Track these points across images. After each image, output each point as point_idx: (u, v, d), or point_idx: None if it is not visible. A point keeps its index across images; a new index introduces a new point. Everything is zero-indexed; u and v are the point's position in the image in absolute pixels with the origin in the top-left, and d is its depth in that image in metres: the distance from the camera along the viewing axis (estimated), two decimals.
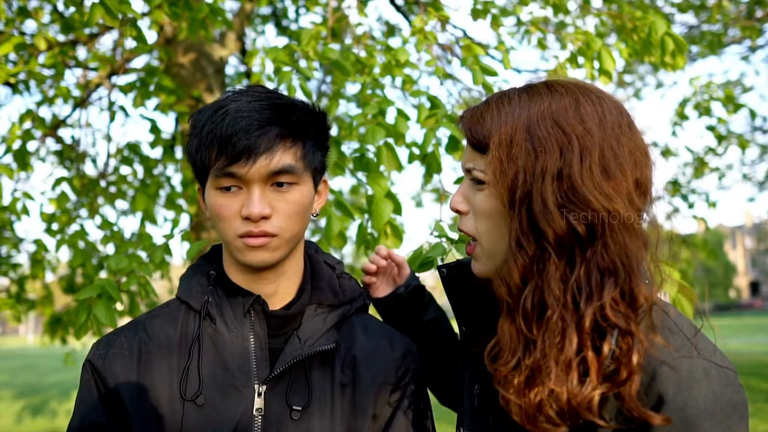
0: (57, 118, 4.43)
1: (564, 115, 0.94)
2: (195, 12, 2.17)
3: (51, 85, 4.02)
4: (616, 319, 0.88)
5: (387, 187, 1.64)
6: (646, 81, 9.47)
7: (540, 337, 0.90)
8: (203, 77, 4.03)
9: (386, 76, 1.94)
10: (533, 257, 0.92)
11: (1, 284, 5.27)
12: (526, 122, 0.95)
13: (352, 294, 1.24)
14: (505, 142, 0.95)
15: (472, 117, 1.02)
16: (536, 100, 0.97)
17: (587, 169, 0.91)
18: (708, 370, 0.88)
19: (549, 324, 0.89)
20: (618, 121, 0.95)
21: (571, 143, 0.92)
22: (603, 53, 2.04)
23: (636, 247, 0.91)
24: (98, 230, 3.11)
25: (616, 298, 0.89)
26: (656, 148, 6.47)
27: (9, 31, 3.27)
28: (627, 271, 0.89)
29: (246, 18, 4.66)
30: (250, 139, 1.04)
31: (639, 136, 0.97)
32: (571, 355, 0.88)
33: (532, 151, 0.93)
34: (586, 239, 0.90)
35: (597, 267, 0.89)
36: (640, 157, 0.95)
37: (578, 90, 0.98)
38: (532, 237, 0.92)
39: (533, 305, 0.91)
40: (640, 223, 0.93)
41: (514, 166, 0.94)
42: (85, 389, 1.12)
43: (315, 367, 1.14)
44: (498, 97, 1.02)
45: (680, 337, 0.92)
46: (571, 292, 0.89)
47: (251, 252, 1.08)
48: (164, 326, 1.15)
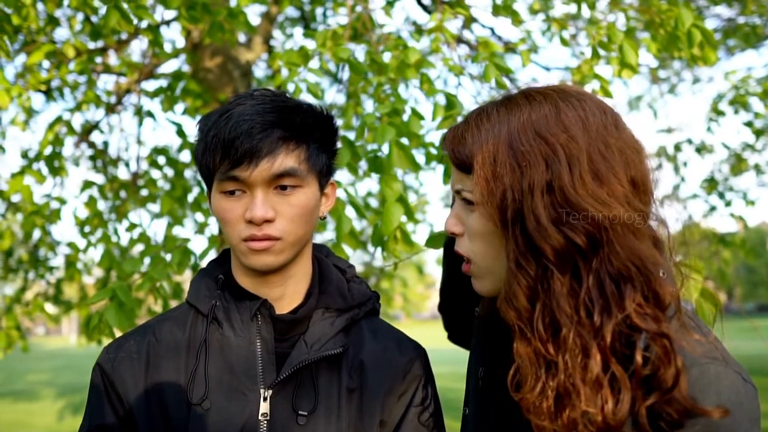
0: (89, 124, 4.52)
1: (545, 125, 0.91)
2: (213, 15, 2.19)
3: (84, 91, 4.12)
4: (646, 324, 0.84)
5: (399, 190, 1.62)
6: (682, 77, 9.26)
7: (560, 357, 0.86)
8: (230, 81, 4.06)
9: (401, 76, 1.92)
10: (536, 277, 0.89)
11: (38, 287, 5.41)
12: (507, 138, 0.92)
13: (361, 298, 1.22)
14: (489, 160, 0.92)
15: (454, 138, 0.99)
16: (515, 113, 0.94)
17: (578, 178, 0.87)
18: (736, 381, 0.86)
19: (567, 343, 0.86)
20: (603, 122, 0.92)
21: (556, 153, 0.88)
22: (625, 46, 1.99)
23: (646, 247, 0.87)
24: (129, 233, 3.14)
25: (641, 303, 0.85)
26: (691, 145, 6.31)
27: (40, 39, 3.35)
28: (644, 274, 0.86)
29: (272, 21, 4.69)
30: (252, 142, 1.03)
31: (627, 133, 0.94)
32: (597, 372, 0.84)
33: (517, 168, 0.90)
34: (588, 250, 0.87)
35: (609, 275, 0.86)
36: (632, 155, 0.91)
37: (558, 96, 0.94)
38: (531, 256, 0.89)
39: (545, 326, 0.88)
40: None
41: (500, 185, 0.91)
42: (94, 392, 1.13)
43: (322, 372, 1.13)
44: (477, 114, 0.99)
45: (708, 344, 0.89)
46: (584, 306, 0.86)
47: (255, 255, 1.08)
48: (173, 330, 1.16)
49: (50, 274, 5.10)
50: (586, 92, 0.97)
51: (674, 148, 6.37)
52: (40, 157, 3.13)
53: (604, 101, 0.97)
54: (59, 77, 3.16)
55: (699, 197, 6.56)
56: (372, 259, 7.80)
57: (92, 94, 3.34)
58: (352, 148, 1.84)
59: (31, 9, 2.98)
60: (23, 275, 5.39)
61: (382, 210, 1.66)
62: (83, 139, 4.33)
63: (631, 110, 8.52)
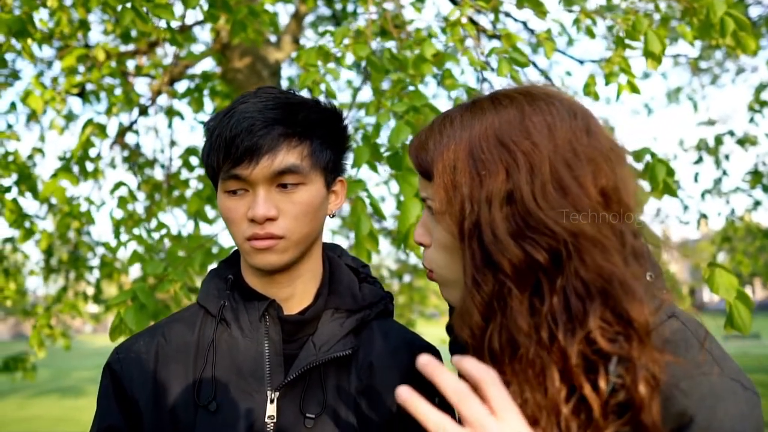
0: (123, 126, 4.60)
1: (508, 131, 0.84)
2: (234, 14, 2.19)
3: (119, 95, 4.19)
4: (610, 346, 0.78)
5: (417, 185, 1.59)
6: (725, 67, 8.98)
7: (515, 379, 0.80)
8: (259, 80, 4.08)
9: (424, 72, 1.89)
10: (492, 293, 0.83)
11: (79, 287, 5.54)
12: (468, 144, 0.86)
13: (372, 298, 1.19)
14: (449, 168, 0.86)
15: (417, 143, 0.94)
16: (479, 118, 0.88)
17: (539, 189, 0.80)
18: (735, 390, 0.79)
19: (523, 364, 0.80)
20: (571, 128, 0.84)
21: (517, 162, 0.82)
22: (649, 35, 1.91)
23: (614, 263, 0.80)
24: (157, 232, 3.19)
25: (609, 321, 0.79)
26: (732, 137, 6.11)
27: (72, 43, 3.42)
28: (611, 291, 0.79)
29: (301, 20, 4.70)
30: (252, 140, 1.02)
31: (600, 139, 0.86)
32: (557, 398, 0.78)
33: (477, 176, 0.84)
34: (551, 267, 0.80)
35: (575, 293, 0.79)
36: (602, 164, 0.83)
37: (525, 99, 0.88)
38: (489, 271, 0.83)
39: (502, 345, 0.82)
40: (616, 236, 0.82)
41: (459, 194, 0.85)
42: (103, 393, 1.13)
43: (330, 374, 1.11)
44: (441, 119, 0.94)
45: (701, 353, 0.82)
46: (546, 325, 0.80)
47: (258, 255, 1.07)
48: (182, 331, 1.15)
49: (90, 274, 5.22)
50: (558, 93, 0.90)
51: (715, 140, 6.18)
52: (73, 160, 3.19)
53: (578, 103, 0.90)
54: (91, 80, 3.21)
55: (742, 191, 6.35)
56: (407, 257, 7.78)
57: (122, 96, 3.39)
58: (372, 146, 1.81)
59: (63, 13, 3.04)
60: (64, 275, 5.54)
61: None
62: (118, 141, 4.41)
63: (670, 103, 8.30)
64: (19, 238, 3.33)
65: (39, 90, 3.05)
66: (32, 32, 2.08)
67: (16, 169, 3.18)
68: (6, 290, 4.41)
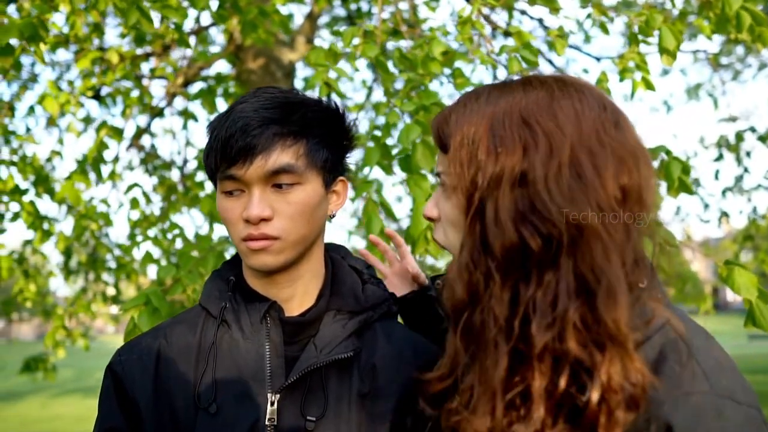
0: (140, 128, 4.63)
1: (534, 111, 0.81)
2: (244, 14, 2.19)
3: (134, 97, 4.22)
4: (578, 350, 0.75)
5: (429, 189, 1.57)
6: (747, 62, 8.83)
7: (475, 361, 0.80)
8: (272, 82, 4.09)
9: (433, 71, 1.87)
10: (482, 274, 0.80)
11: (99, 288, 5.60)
12: (490, 119, 0.83)
13: (376, 300, 1.17)
14: (467, 141, 0.84)
15: (441, 116, 0.92)
16: (506, 96, 0.85)
17: (554, 172, 0.77)
18: (721, 408, 0.75)
19: (483, 348, 0.79)
20: (600, 118, 0.81)
21: (536, 141, 0.79)
22: (663, 30, 1.87)
23: (610, 264, 0.76)
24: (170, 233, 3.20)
25: (589, 324, 0.76)
26: (754, 133, 6.00)
27: (87, 47, 3.44)
28: (596, 294, 0.76)
29: (315, 20, 4.70)
30: (246, 139, 1.01)
31: (629, 136, 0.83)
32: (497, 385, 0.77)
33: (493, 152, 0.81)
34: (542, 258, 0.77)
35: (565, 289, 0.76)
36: (628, 160, 0.80)
37: (557, 84, 0.85)
38: (482, 251, 0.80)
39: (476, 327, 0.81)
40: (624, 236, 0.79)
41: (473, 168, 0.82)
42: (105, 394, 1.12)
43: (332, 376, 1.09)
44: (468, 94, 0.91)
45: (691, 370, 0.78)
46: (521, 316, 0.77)
47: (254, 255, 1.06)
48: (184, 332, 1.14)
49: (108, 275, 5.26)
50: (590, 85, 0.88)
51: (736, 137, 6.07)
52: (87, 162, 3.21)
53: (609, 98, 0.87)
54: (105, 83, 3.23)
55: (765, 189, 6.24)
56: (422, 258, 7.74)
57: (135, 98, 3.41)
58: (382, 147, 1.80)
59: (77, 17, 3.06)
60: (84, 277, 5.59)
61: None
62: (134, 143, 4.44)
63: (689, 99, 8.18)
64: (36, 240, 3.36)
65: (54, 93, 3.07)
66: (44, 36, 2.09)
67: (33, 171, 3.21)
68: (26, 291, 4.45)
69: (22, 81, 4.19)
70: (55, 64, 4.88)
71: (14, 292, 4.39)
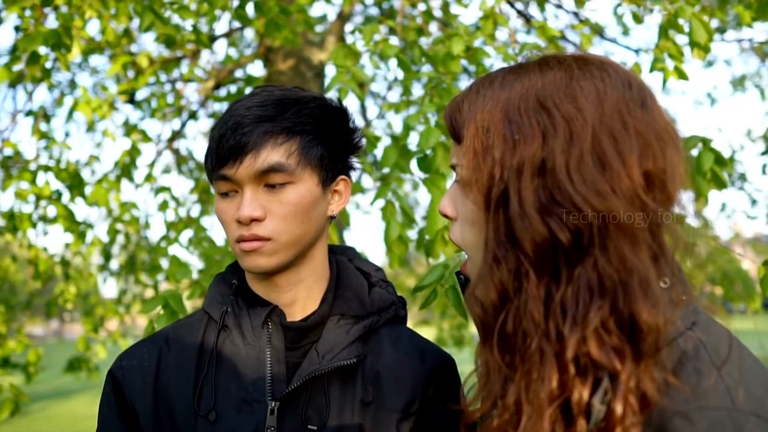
0: (174, 131, 4.68)
1: (551, 93, 0.75)
2: (266, 14, 2.17)
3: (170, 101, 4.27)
4: (600, 354, 0.69)
5: (446, 189, 1.52)
6: None
7: (519, 373, 0.73)
8: (303, 82, 4.07)
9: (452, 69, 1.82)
10: (511, 272, 0.74)
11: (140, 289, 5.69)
12: (505, 105, 0.77)
13: (381, 304, 1.13)
14: (481, 130, 0.78)
15: (454, 104, 0.86)
16: (522, 79, 0.79)
17: (575, 160, 0.71)
18: (741, 425, 0.67)
19: (527, 356, 0.72)
20: (624, 98, 0.75)
21: (555, 127, 0.73)
22: (694, 23, 1.78)
23: (640, 259, 0.70)
24: None
25: (609, 327, 0.70)
26: None
27: (119, 52, 3.49)
28: (625, 291, 0.70)
29: (345, 20, 4.67)
30: (236, 138, 0.99)
31: (655, 115, 0.76)
32: (545, 397, 0.70)
33: (510, 140, 0.75)
34: (572, 249, 0.71)
35: (587, 286, 0.70)
36: (653, 142, 0.73)
37: (576, 63, 0.79)
38: (511, 247, 0.74)
39: (514, 330, 0.74)
40: (650, 228, 0.72)
41: (489, 159, 0.76)
42: (105, 401, 1.11)
43: (335, 384, 1.06)
44: (481, 79, 0.85)
45: (712, 379, 0.70)
46: (555, 316, 0.71)
47: (246, 257, 1.03)
48: (185, 337, 1.12)
49: (147, 277, 5.35)
50: (614, 62, 0.81)
51: None
52: (118, 166, 3.25)
53: (635, 75, 0.80)
54: (135, 87, 3.27)
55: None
56: None
57: (164, 101, 3.44)
58: (401, 147, 1.76)
59: (107, 23, 3.10)
60: (124, 279, 5.69)
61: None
62: (168, 146, 4.49)
63: (735, 91, 7.89)
64: (72, 243, 3.41)
65: (85, 98, 3.12)
66: (68, 44, 2.11)
67: (67, 176, 3.27)
68: (66, 293, 4.55)
69: (60, 87, 4.27)
70: (93, 71, 4.97)
71: (55, 294, 4.49)
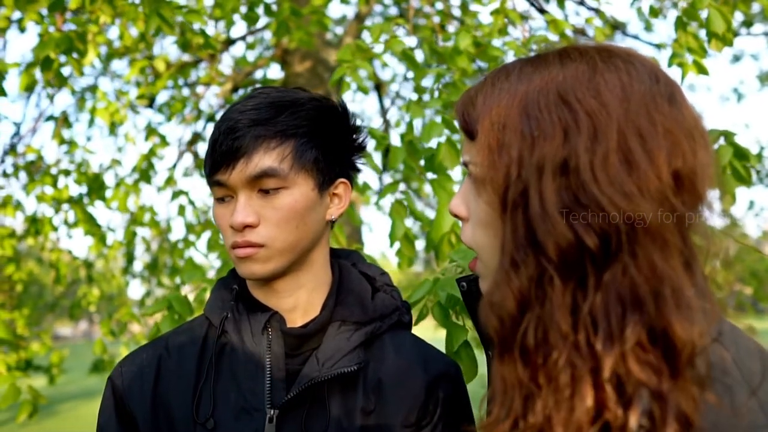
0: (195, 134, 4.72)
1: (573, 87, 0.69)
2: (277, 15, 2.16)
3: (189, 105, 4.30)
4: (642, 373, 0.63)
5: (453, 191, 1.49)
6: None
7: (545, 389, 0.66)
8: (320, 83, 4.07)
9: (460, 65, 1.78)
10: (532, 278, 0.68)
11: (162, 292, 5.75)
12: (523, 99, 0.72)
13: (384, 309, 1.10)
14: (497, 126, 0.72)
15: (466, 98, 0.80)
16: (540, 72, 0.73)
17: (600, 159, 0.66)
18: None
19: (555, 372, 0.65)
20: (651, 92, 0.69)
21: (578, 123, 0.67)
22: (711, 13, 1.72)
23: (671, 266, 0.65)
24: None
25: (644, 342, 0.64)
26: None
27: (136, 56, 3.52)
28: (657, 302, 0.64)
29: (362, 20, 4.66)
30: (228, 143, 0.97)
31: (685, 112, 0.70)
32: (583, 419, 0.63)
33: (529, 137, 0.69)
34: (600, 255, 0.66)
35: (617, 295, 0.65)
36: (683, 140, 0.68)
37: (600, 55, 0.73)
38: (531, 252, 0.68)
39: (535, 345, 0.67)
40: (680, 232, 0.67)
41: (505, 156, 0.71)
42: (104, 407, 1.10)
43: (335, 392, 1.03)
44: (497, 71, 0.79)
45: (742, 399, 0.66)
46: (584, 328, 0.65)
47: (241, 263, 1.01)
48: (186, 343, 1.11)
49: (169, 279, 5.39)
50: (640, 55, 0.75)
51: None
52: (137, 170, 3.28)
53: (662, 69, 0.74)
54: (153, 91, 3.29)
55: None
56: None
57: (180, 105, 3.46)
58: (407, 145, 1.73)
59: (125, 28, 3.13)
60: (147, 281, 5.75)
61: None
62: (188, 149, 4.52)
63: (762, 86, 7.70)
64: (93, 246, 3.45)
65: (103, 102, 3.14)
66: (81, 48, 2.12)
67: (87, 180, 3.30)
68: (89, 296, 4.60)
69: (80, 92, 4.32)
70: (114, 76, 5.03)
71: (78, 297, 4.55)
